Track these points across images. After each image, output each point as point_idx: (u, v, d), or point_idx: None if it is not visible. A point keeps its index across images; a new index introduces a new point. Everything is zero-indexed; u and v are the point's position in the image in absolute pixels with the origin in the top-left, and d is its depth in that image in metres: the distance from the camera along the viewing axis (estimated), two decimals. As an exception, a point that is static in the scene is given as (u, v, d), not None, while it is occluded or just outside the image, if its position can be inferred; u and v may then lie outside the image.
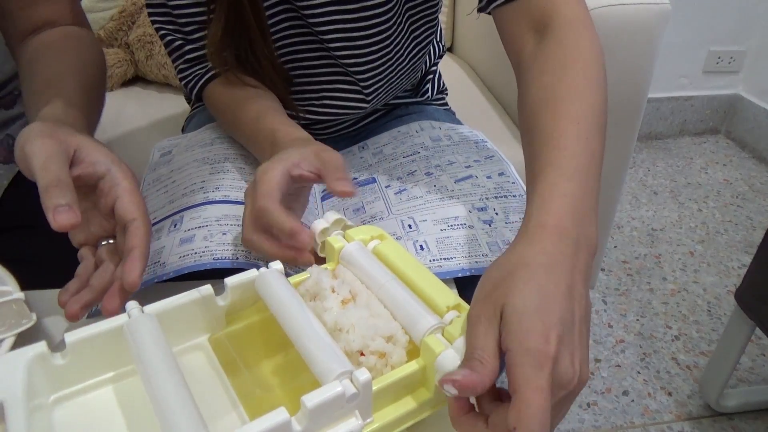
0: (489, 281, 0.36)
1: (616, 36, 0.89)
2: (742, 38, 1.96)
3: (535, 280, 0.34)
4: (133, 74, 1.20)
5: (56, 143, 0.39)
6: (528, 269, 0.35)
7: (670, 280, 1.47)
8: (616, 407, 1.15)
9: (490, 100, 1.16)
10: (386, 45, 0.67)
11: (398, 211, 0.59)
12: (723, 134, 2.14)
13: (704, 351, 1.27)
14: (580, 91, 0.45)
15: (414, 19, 0.70)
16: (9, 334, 0.41)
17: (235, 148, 0.66)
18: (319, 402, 0.29)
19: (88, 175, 0.41)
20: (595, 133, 0.44)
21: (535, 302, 0.33)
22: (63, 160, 0.39)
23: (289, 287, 0.38)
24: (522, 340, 0.32)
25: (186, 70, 0.65)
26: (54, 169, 0.38)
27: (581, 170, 0.41)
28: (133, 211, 0.40)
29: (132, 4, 1.17)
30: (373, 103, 0.73)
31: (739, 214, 1.72)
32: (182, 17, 0.62)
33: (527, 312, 0.33)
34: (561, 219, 0.38)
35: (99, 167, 0.41)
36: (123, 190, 0.41)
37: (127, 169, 0.43)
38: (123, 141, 0.98)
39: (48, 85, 0.51)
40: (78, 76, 0.54)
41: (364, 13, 0.63)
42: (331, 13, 0.62)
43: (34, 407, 0.33)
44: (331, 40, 0.65)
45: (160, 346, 0.34)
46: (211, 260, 0.48)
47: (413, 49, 0.73)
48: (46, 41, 0.58)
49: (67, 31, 0.60)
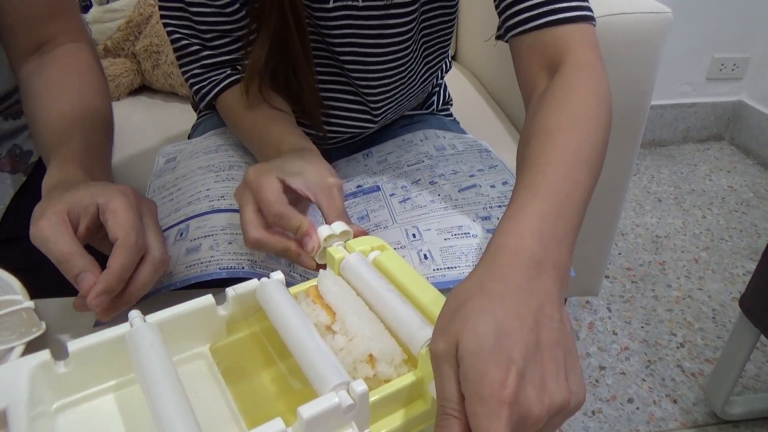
0: (447, 311, 0.34)
1: (618, 45, 0.89)
2: (745, 45, 1.96)
3: (491, 313, 0.32)
4: (139, 83, 1.22)
5: (50, 220, 0.41)
6: (483, 299, 0.33)
7: (675, 287, 1.46)
8: (621, 415, 1.14)
9: (494, 108, 1.16)
10: (400, 70, 0.68)
11: (402, 220, 0.60)
12: (727, 141, 2.14)
13: (709, 358, 1.26)
14: (574, 124, 0.45)
15: (428, 45, 0.71)
16: (19, 342, 0.41)
17: (240, 155, 0.66)
18: (315, 413, 0.30)
19: (89, 224, 0.43)
20: (582, 165, 0.42)
21: (489, 340, 0.30)
22: (61, 231, 0.41)
23: (289, 297, 0.39)
24: (476, 388, 0.29)
25: (200, 75, 0.65)
26: (58, 244, 0.40)
27: (558, 194, 0.39)
28: (116, 231, 0.42)
29: (139, 15, 1.18)
30: (380, 123, 0.74)
31: (744, 221, 1.71)
32: (203, 24, 0.62)
33: (481, 353, 0.30)
34: (523, 238, 0.36)
35: (90, 209, 0.43)
36: (109, 213, 0.42)
37: (111, 191, 0.44)
38: (129, 149, 0.99)
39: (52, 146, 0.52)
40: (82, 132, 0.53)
41: (382, 40, 0.64)
42: (350, 35, 0.63)
43: (37, 415, 0.34)
44: (347, 62, 0.66)
45: (161, 356, 0.34)
46: (217, 269, 0.49)
47: (425, 72, 0.74)
48: (51, 77, 0.57)
49: (69, 63, 0.59)
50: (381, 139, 0.78)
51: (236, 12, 0.61)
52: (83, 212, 0.42)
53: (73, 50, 0.60)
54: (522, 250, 0.36)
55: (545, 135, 0.45)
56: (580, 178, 0.42)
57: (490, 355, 0.30)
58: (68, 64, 0.59)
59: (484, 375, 0.29)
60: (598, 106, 0.47)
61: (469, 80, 1.29)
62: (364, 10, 0.61)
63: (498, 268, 0.35)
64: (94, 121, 0.56)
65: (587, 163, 0.43)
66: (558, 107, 0.47)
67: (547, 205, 0.39)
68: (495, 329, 0.31)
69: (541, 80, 0.52)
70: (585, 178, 0.42)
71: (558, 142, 0.44)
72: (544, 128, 0.45)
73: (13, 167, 0.67)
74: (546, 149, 0.43)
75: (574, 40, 0.51)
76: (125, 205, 0.43)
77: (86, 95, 0.57)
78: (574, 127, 0.45)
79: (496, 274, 0.34)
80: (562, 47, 0.51)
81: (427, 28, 0.68)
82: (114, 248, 0.41)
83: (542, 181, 0.40)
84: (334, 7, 0.61)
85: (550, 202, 0.39)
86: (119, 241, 0.41)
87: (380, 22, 0.62)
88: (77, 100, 0.56)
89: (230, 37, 0.63)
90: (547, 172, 0.41)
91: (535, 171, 0.42)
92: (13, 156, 0.67)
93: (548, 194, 0.39)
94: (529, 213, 0.38)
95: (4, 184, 0.66)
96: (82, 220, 0.42)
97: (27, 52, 0.59)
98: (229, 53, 0.64)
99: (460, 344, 0.31)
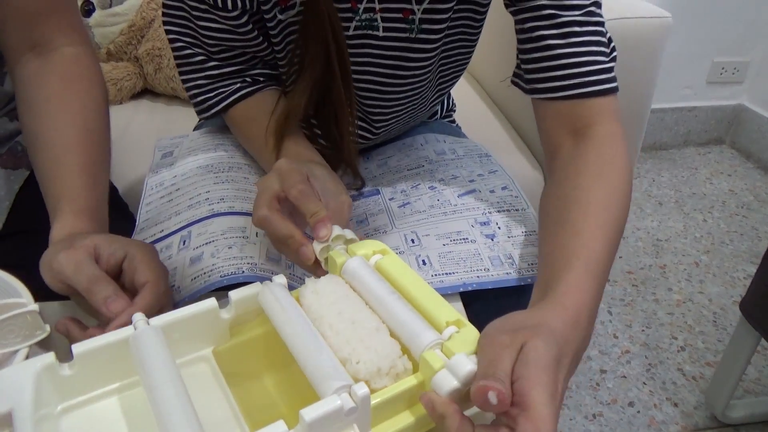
0: (513, 321, 0.38)
1: (619, 49, 0.89)
2: (745, 49, 1.96)
3: (553, 339, 0.36)
4: (142, 87, 1.22)
5: (78, 251, 0.43)
6: (548, 329, 0.37)
7: (676, 290, 1.46)
8: (621, 418, 1.14)
9: (495, 113, 1.17)
10: (414, 96, 0.67)
11: (401, 225, 0.60)
12: (728, 144, 2.14)
13: (710, 362, 1.26)
14: (610, 201, 0.48)
15: (444, 73, 0.70)
16: (23, 345, 0.41)
17: (240, 155, 0.66)
18: (317, 416, 0.30)
19: (111, 267, 0.44)
20: (615, 243, 0.47)
21: (552, 352, 0.35)
22: (90, 261, 0.43)
23: (291, 301, 0.39)
24: (539, 373, 0.33)
25: (206, 86, 0.63)
26: (87, 271, 0.42)
27: (602, 273, 0.44)
28: (147, 274, 0.44)
29: (141, 19, 1.19)
30: (379, 138, 0.73)
31: (745, 224, 1.71)
32: (210, 38, 0.60)
33: (546, 356, 0.34)
34: (579, 312, 0.40)
35: (118, 253, 0.45)
36: (141, 262, 0.44)
37: (140, 243, 0.47)
38: (132, 152, 0.99)
39: (49, 176, 0.53)
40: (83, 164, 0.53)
41: (401, 72, 0.63)
42: (368, 64, 0.62)
43: (42, 416, 0.34)
44: (362, 89, 0.64)
45: (164, 359, 0.35)
46: (218, 278, 0.49)
47: (436, 97, 0.73)
48: (51, 96, 0.56)
49: (70, 77, 0.57)
50: (381, 143, 0.78)
51: (250, 32, 0.59)
52: (108, 255, 0.44)
53: (73, 59, 0.58)
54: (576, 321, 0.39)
55: (587, 206, 0.48)
56: (612, 256, 0.46)
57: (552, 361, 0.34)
58: (69, 80, 0.57)
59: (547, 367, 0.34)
60: (626, 180, 0.51)
61: (471, 85, 1.30)
62: (384, 40, 0.60)
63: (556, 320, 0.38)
64: (97, 159, 0.55)
65: (617, 241, 0.47)
66: (597, 179, 0.50)
67: (596, 285, 0.43)
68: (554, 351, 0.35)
69: (565, 141, 0.54)
70: (614, 254, 0.47)
71: (600, 217, 0.47)
72: (586, 198, 0.48)
73: (16, 163, 0.67)
74: (590, 223, 0.46)
75: (602, 112, 0.53)
76: (154, 257, 0.46)
77: (89, 120, 0.56)
78: (611, 204, 0.48)
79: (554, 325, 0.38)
80: (589, 117, 0.53)
81: (446, 59, 0.66)
82: (142, 289, 0.43)
83: (591, 256, 0.44)
84: (355, 35, 0.59)
85: (599, 281, 0.43)
86: (149, 284, 0.43)
87: (401, 54, 0.61)
88: (82, 136, 0.55)
89: (238, 50, 0.62)
90: (595, 248, 0.45)
91: (583, 243, 0.45)
92: (15, 153, 0.67)
93: (598, 273, 0.43)
94: (585, 288, 0.42)
95: (7, 181, 0.66)
96: (104, 262, 0.44)
97: (22, 49, 0.57)
98: (236, 64, 0.62)
99: (528, 344, 0.35)
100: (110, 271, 0.44)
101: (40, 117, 0.55)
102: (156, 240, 0.57)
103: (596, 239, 0.45)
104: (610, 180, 0.50)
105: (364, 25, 0.58)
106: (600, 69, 0.53)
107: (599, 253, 0.44)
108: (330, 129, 0.62)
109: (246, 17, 0.58)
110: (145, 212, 0.62)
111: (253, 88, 0.63)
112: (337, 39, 0.54)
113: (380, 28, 0.58)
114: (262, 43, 0.61)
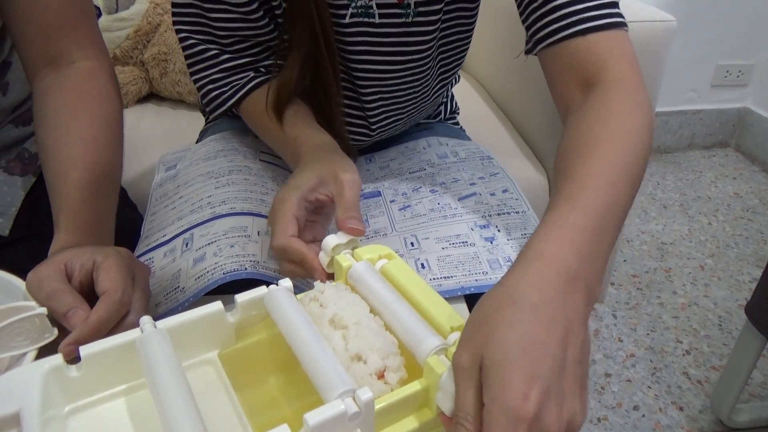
0: (475, 319, 0.33)
1: (622, 52, 0.90)
2: (750, 52, 1.96)
3: (521, 323, 0.31)
4: (147, 91, 1.23)
5: (45, 267, 0.43)
6: (515, 307, 0.32)
7: (681, 294, 1.46)
8: (626, 422, 1.14)
9: (498, 115, 1.17)
10: (415, 86, 0.67)
11: (401, 228, 0.60)
12: (732, 147, 2.13)
13: (716, 365, 1.26)
14: (614, 137, 0.44)
15: (445, 61, 0.70)
16: (31, 348, 0.42)
17: (240, 159, 0.67)
18: (321, 420, 0.30)
19: (84, 278, 0.44)
20: (623, 179, 0.41)
21: (516, 351, 0.30)
22: (55, 276, 0.43)
23: (297, 305, 0.39)
24: (498, 397, 0.29)
25: (221, 80, 0.63)
26: (46, 286, 0.42)
27: (598, 208, 0.39)
28: (104, 285, 0.43)
29: (147, 24, 1.20)
30: (375, 138, 0.73)
31: (750, 228, 1.70)
32: (223, 30, 0.61)
33: (507, 363, 0.30)
34: (562, 250, 0.35)
35: (87, 264, 0.44)
36: (102, 270, 0.44)
37: (111, 250, 0.46)
38: (137, 157, 1.00)
39: (54, 189, 0.53)
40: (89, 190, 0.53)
41: (400, 57, 0.63)
42: (366, 52, 0.63)
43: (49, 418, 0.34)
44: (361, 78, 0.65)
45: (170, 361, 0.35)
46: (221, 275, 0.50)
47: (438, 89, 0.73)
48: (63, 108, 0.56)
49: (84, 91, 0.57)
50: (385, 145, 0.78)
51: (260, 19, 0.60)
52: (79, 267, 0.44)
53: (89, 74, 0.58)
54: (559, 262, 0.35)
55: (586, 147, 0.43)
56: (620, 192, 0.41)
57: (516, 366, 0.29)
58: (82, 94, 0.57)
59: (508, 385, 0.29)
60: (640, 118, 0.46)
61: (473, 86, 1.30)
62: (381, 27, 0.60)
63: (534, 275, 0.34)
64: (102, 173, 0.55)
65: (628, 177, 0.42)
66: (600, 120, 0.46)
67: (588, 219, 0.38)
68: (525, 340, 0.30)
69: (576, 96, 0.50)
70: (625, 192, 0.41)
71: (599, 154, 0.42)
72: (585, 140, 0.44)
73: (23, 170, 0.68)
74: (587, 161, 0.42)
75: (610, 53, 0.49)
76: (118, 263, 0.44)
77: (98, 134, 0.56)
78: (616, 140, 0.43)
79: (530, 282, 0.34)
80: (596, 62, 0.49)
81: (445, 45, 0.67)
82: (98, 301, 0.42)
83: (583, 193, 0.39)
84: (351, 23, 0.60)
85: (591, 215, 0.38)
86: (104, 295, 0.42)
87: (398, 40, 0.61)
88: (88, 150, 0.54)
89: (251, 41, 0.62)
90: (589, 184, 0.40)
91: (577, 182, 0.40)
92: (23, 159, 0.68)
93: (589, 207, 0.38)
94: (569, 224, 0.37)
95: (14, 187, 0.66)
96: (77, 274, 0.44)
97: (41, 64, 0.58)
98: (249, 56, 0.63)
99: (485, 355, 0.30)
100: (85, 281, 0.44)
101: (50, 130, 0.56)
102: (159, 244, 0.58)
103: (593, 175, 0.41)
104: (614, 118, 0.45)
105: (360, 13, 0.59)
106: (601, 3, 0.50)
107: (597, 190, 0.40)
108: (321, 103, 0.63)
109: (256, 4, 0.59)
110: (150, 221, 0.63)
111: (265, 77, 0.64)
112: (322, 18, 0.56)
113: (376, 15, 0.59)
114: (273, 31, 0.62)
